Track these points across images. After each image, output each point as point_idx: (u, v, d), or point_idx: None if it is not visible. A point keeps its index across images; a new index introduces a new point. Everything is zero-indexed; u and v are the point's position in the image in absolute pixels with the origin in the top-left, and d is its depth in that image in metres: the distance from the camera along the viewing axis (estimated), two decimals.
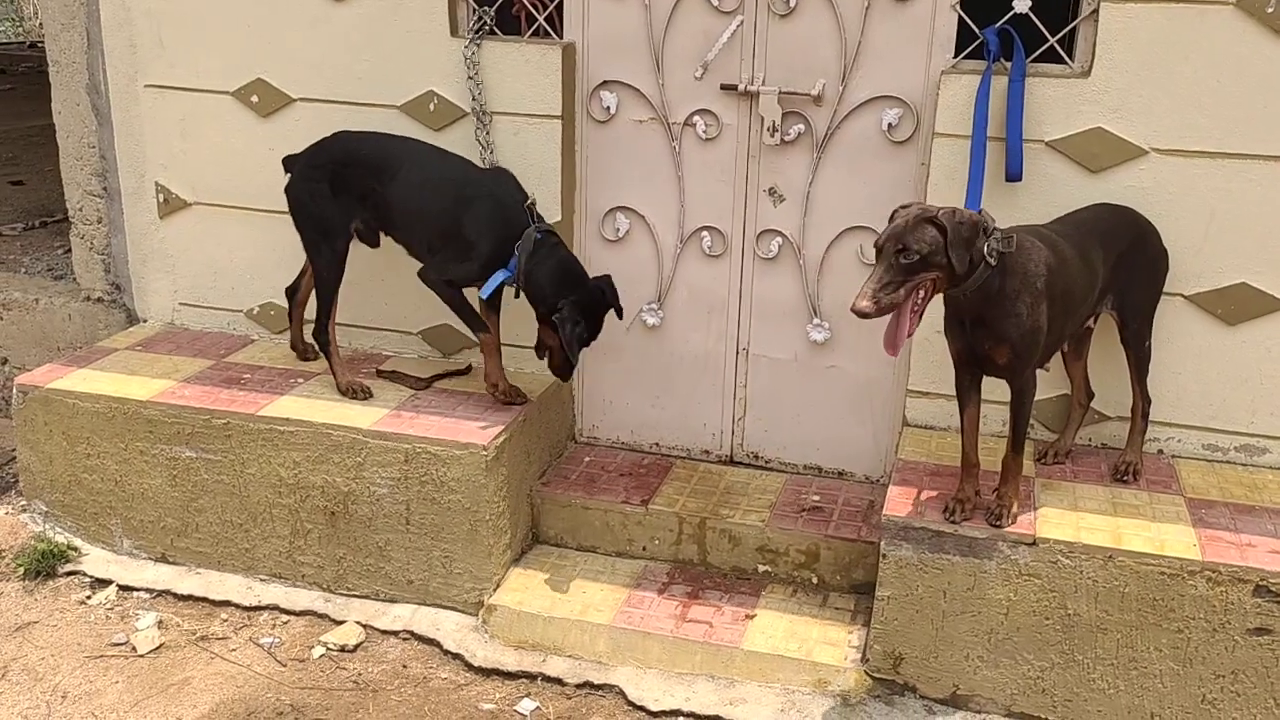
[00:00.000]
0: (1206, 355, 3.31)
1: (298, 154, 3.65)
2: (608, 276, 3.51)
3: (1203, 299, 3.27)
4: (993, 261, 2.72)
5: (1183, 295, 3.28)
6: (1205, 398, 3.35)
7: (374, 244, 3.70)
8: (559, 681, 3.25)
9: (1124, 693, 2.99)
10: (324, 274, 3.64)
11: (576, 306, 3.38)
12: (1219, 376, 3.32)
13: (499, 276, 3.44)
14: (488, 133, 3.70)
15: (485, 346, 3.59)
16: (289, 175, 3.66)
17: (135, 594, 3.65)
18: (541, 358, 3.57)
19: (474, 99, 3.67)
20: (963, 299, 2.81)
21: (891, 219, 2.77)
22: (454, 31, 3.70)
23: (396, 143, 3.60)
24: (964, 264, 2.68)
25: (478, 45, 3.64)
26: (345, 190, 3.56)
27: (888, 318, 2.73)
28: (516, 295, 3.50)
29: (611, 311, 3.49)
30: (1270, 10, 3.02)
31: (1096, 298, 3.07)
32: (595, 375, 3.97)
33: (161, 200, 4.15)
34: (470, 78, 3.66)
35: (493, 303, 3.59)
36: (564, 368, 3.52)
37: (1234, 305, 3.25)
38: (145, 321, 4.32)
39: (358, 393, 3.64)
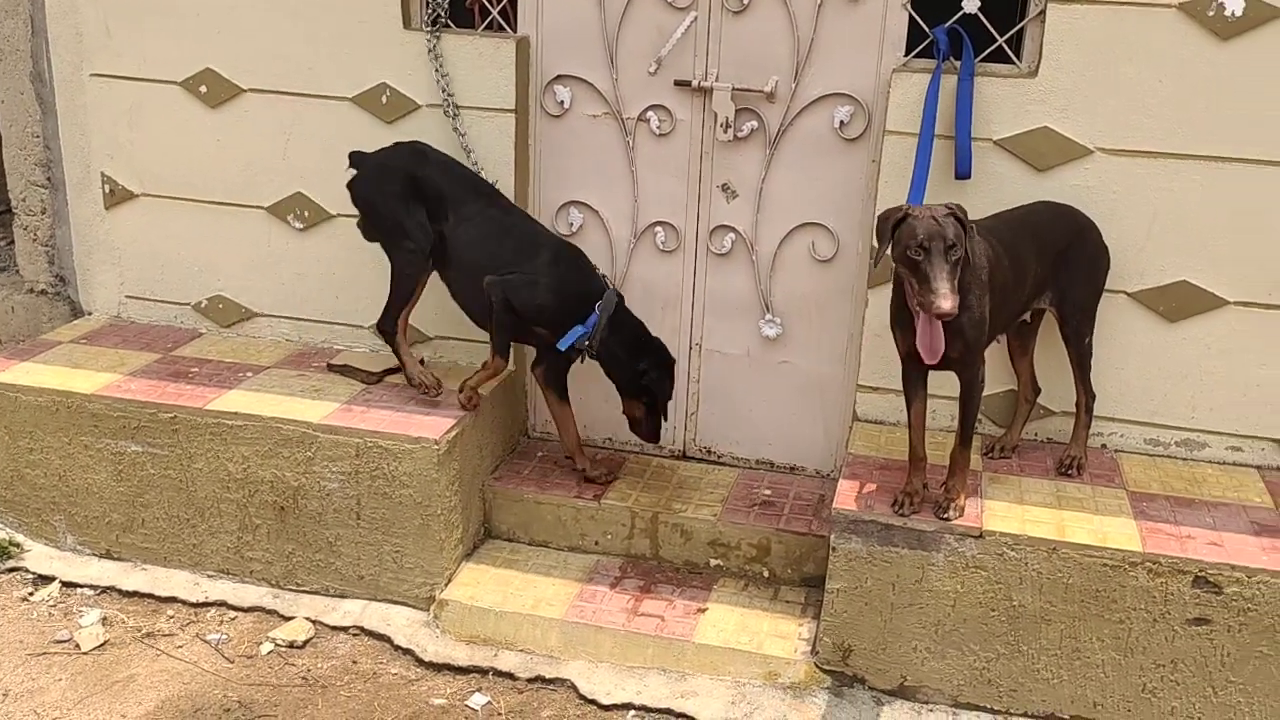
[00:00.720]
0: (1148, 352, 3.38)
1: (367, 152, 3.56)
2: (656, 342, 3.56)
3: (1145, 296, 3.34)
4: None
5: (1126, 293, 3.34)
6: (1147, 393, 3.42)
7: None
8: (510, 676, 3.25)
9: (1067, 682, 3.04)
10: (401, 271, 3.53)
11: (660, 367, 3.49)
12: (1160, 373, 3.39)
13: (577, 331, 3.42)
14: (461, 129, 3.66)
15: (493, 369, 3.51)
16: (356, 172, 3.55)
17: (79, 591, 3.59)
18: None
19: (445, 93, 3.64)
20: None
21: (905, 222, 2.74)
22: (407, 24, 3.67)
23: (472, 182, 3.56)
24: (978, 256, 2.75)
25: (437, 38, 3.62)
26: (418, 201, 3.48)
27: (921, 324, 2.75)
28: (583, 360, 3.51)
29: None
30: (1211, 13, 3.08)
31: (1030, 294, 3.12)
32: None
33: (107, 191, 4.08)
34: (437, 71, 3.63)
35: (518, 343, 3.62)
36: (655, 431, 3.60)
37: (1175, 303, 3.32)
38: (90, 314, 4.25)
39: (429, 388, 3.57)
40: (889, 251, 2.82)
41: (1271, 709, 2.92)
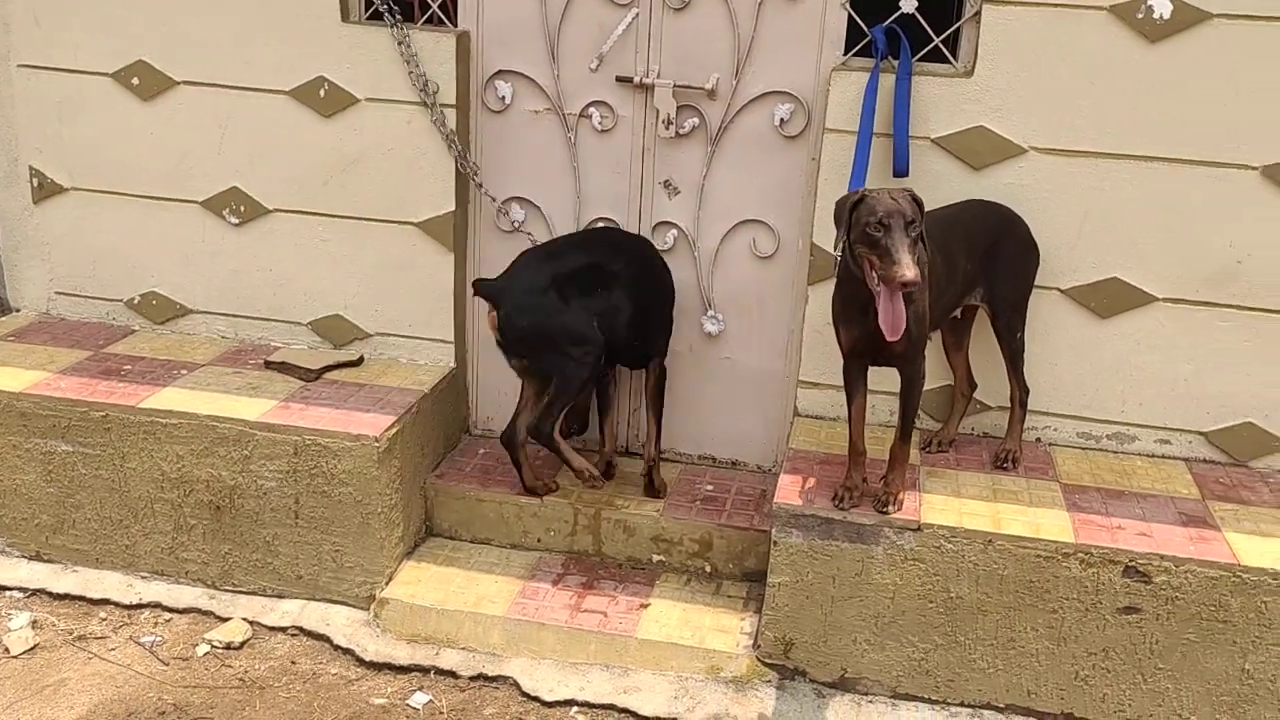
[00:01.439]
0: (1081, 347, 3.44)
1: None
2: None
3: (1077, 293, 3.40)
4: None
5: (1059, 289, 3.40)
6: (1080, 388, 3.49)
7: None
8: (453, 674, 3.23)
9: (1003, 671, 3.09)
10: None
11: None
12: (1092, 367, 3.46)
13: None
14: (444, 122, 3.62)
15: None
16: None
17: (7, 593, 3.50)
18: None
19: (424, 88, 3.59)
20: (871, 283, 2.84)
21: (865, 202, 2.76)
22: (345, 16, 3.63)
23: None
24: (929, 238, 2.79)
25: (406, 33, 3.57)
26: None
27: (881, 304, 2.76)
28: None
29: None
30: (1140, 16, 3.15)
31: (961, 290, 3.17)
32: (490, 367, 3.94)
33: (36, 185, 3.98)
34: (408, 63, 3.58)
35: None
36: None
37: (1106, 299, 3.39)
38: (18, 311, 4.15)
39: (595, 479, 3.62)
40: (848, 236, 2.83)
41: (1198, 694, 3.00)
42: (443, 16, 3.69)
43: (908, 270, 2.66)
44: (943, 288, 3.02)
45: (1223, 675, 2.97)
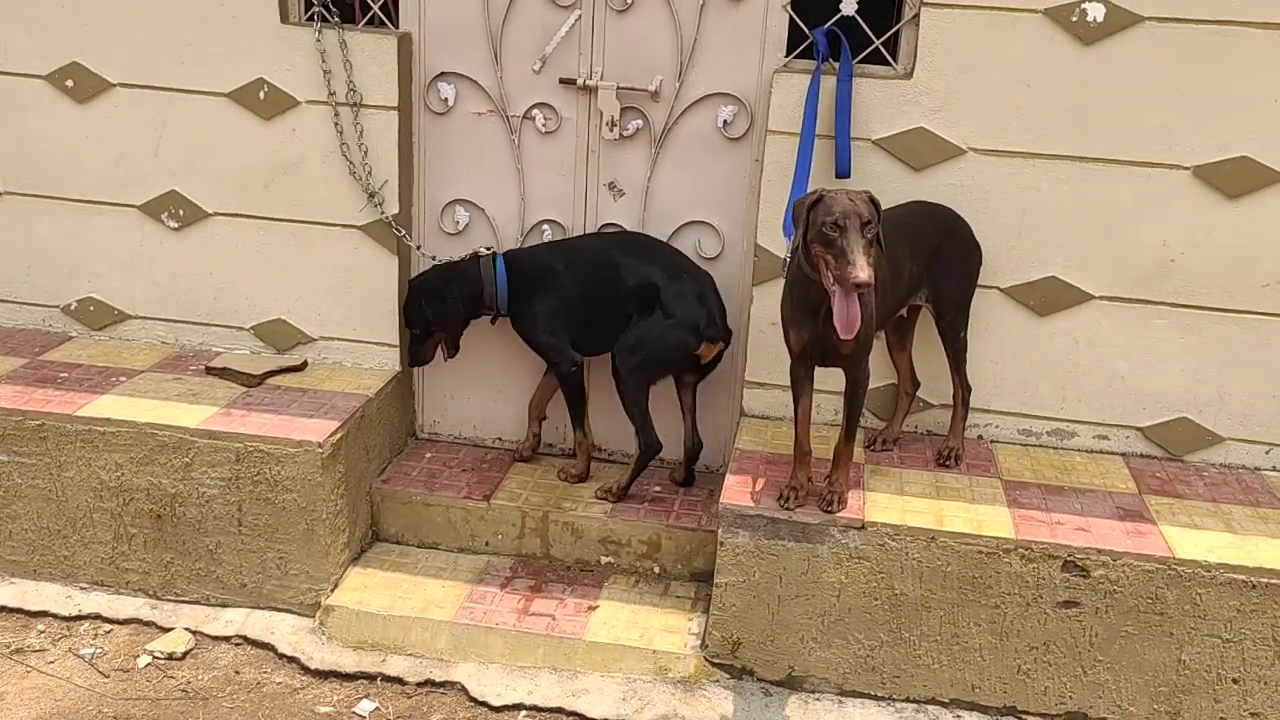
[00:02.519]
0: (1021, 345, 3.49)
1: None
2: None
3: (1016, 292, 3.45)
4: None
5: (999, 288, 3.45)
6: (1020, 385, 3.54)
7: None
8: (399, 681, 3.21)
9: (947, 667, 3.13)
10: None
11: None
12: (1032, 365, 3.51)
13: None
14: (355, 127, 3.61)
15: None
16: None
17: None
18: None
19: (350, 89, 3.57)
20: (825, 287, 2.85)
21: (822, 203, 2.77)
22: (284, 17, 3.59)
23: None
24: (886, 241, 2.82)
25: (341, 32, 3.54)
26: None
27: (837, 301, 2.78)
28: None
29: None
30: (1075, 19, 3.20)
31: (905, 291, 3.20)
32: (436, 370, 3.92)
33: None
34: (324, 66, 3.56)
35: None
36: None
37: (1045, 297, 3.44)
38: None
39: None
40: (805, 235, 2.83)
41: (1137, 685, 3.05)
42: (384, 18, 3.67)
43: (862, 271, 2.68)
44: (888, 289, 3.05)
45: (1160, 666, 3.03)
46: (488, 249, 3.64)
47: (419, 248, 3.72)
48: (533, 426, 3.87)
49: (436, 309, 3.58)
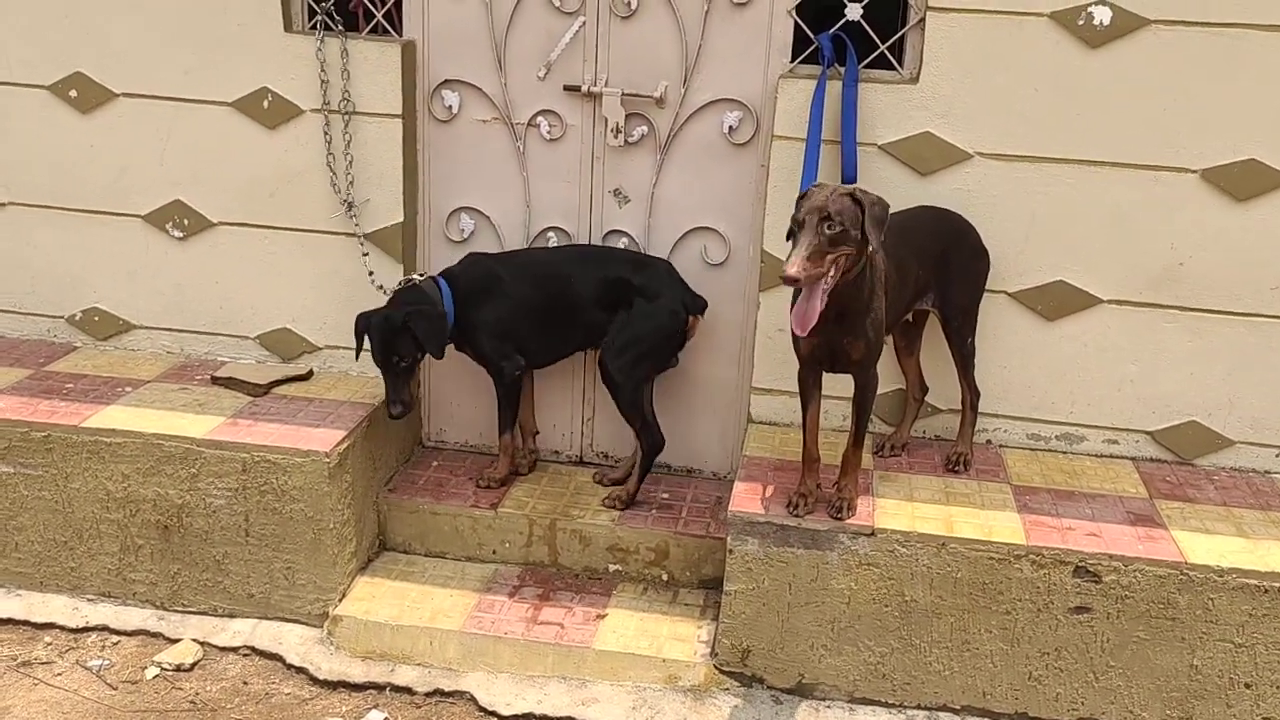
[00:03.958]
0: (1029, 350, 3.48)
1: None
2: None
3: (1024, 296, 3.44)
4: (877, 248, 2.79)
5: (1006, 293, 3.44)
6: (1029, 390, 3.52)
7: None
8: (409, 690, 3.20)
9: (958, 673, 3.12)
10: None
11: None
12: (1040, 369, 3.50)
13: None
14: (347, 138, 3.61)
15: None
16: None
17: None
18: None
19: (344, 98, 3.57)
20: (838, 289, 2.81)
21: (805, 198, 2.78)
22: (289, 26, 3.59)
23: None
24: (877, 241, 2.74)
25: (344, 40, 3.54)
26: None
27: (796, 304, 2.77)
28: None
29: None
30: (1081, 23, 3.19)
31: (912, 296, 3.19)
32: (442, 378, 3.92)
33: None
34: (323, 75, 3.56)
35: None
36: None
37: (1053, 302, 3.43)
38: None
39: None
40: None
41: (1149, 690, 3.04)
42: (387, 25, 3.66)
43: (788, 267, 2.66)
44: (895, 294, 3.04)
45: (1172, 671, 3.02)
46: (422, 274, 3.57)
47: (371, 274, 3.66)
48: (527, 443, 3.85)
49: (425, 327, 3.38)
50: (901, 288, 3.08)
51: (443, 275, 3.52)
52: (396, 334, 3.36)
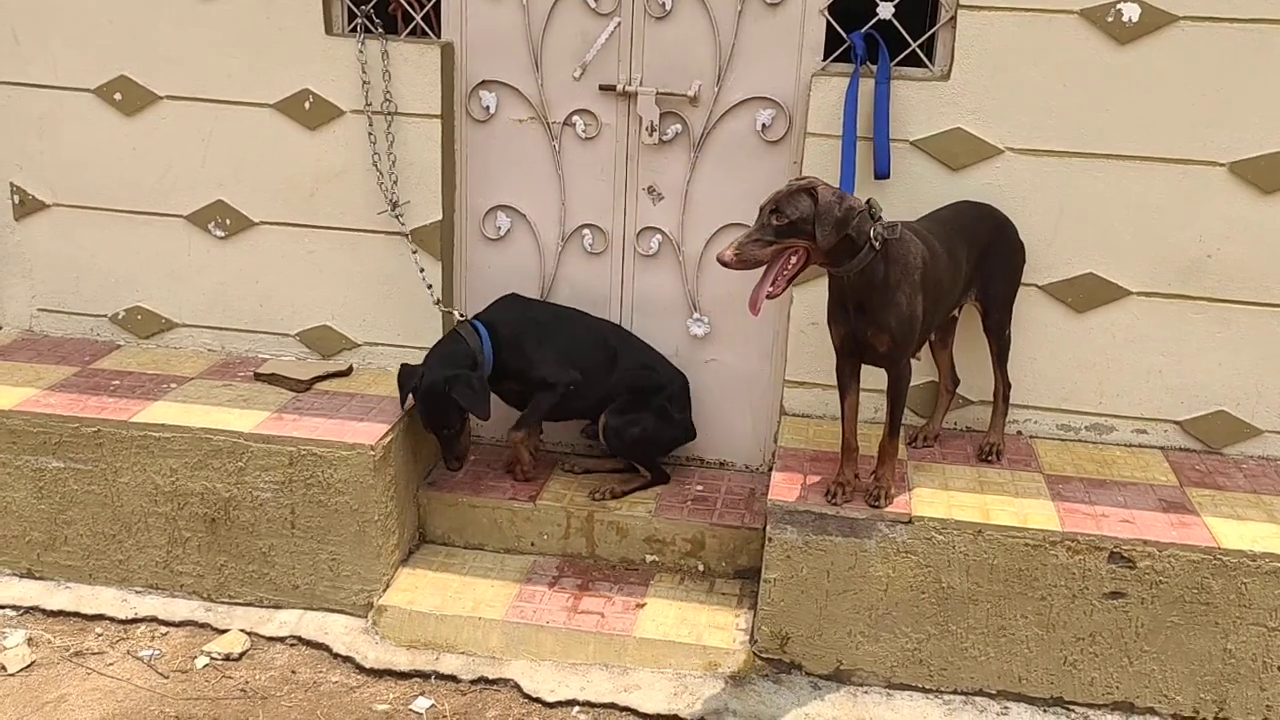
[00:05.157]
0: (1059, 341, 3.54)
1: None
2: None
3: (1055, 289, 3.50)
4: (877, 246, 2.86)
5: (1037, 285, 3.49)
6: (1059, 381, 3.58)
7: None
8: (453, 678, 3.26)
9: (994, 659, 3.17)
10: None
11: None
12: (1070, 361, 3.55)
13: None
14: (390, 138, 3.67)
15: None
16: None
17: (1, 612, 3.49)
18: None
19: (386, 99, 3.63)
20: (846, 282, 2.94)
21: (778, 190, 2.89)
22: (329, 29, 3.66)
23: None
24: (828, 239, 2.80)
25: (384, 42, 3.60)
26: None
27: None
28: None
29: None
30: (1110, 19, 3.25)
31: (961, 290, 3.25)
32: None
33: (17, 201, 3.97)
34: (364, 76, 3.62)
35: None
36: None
37: (1082, 294, 3.49)
38: (1, 329, 4.13)
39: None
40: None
41: (1182, 674, 3.09)
42: (426, 28, 3.73)
43: (724, 250, 2.81)
44: (945, 289, 3.10)
45: (1206, 655, 3.06)
46: (460, 315, 3.66)
47: (422, 271, 3.73)
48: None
49: (470, 397, 3.42)
50: (954, 284, 3.14)
51: (480, 321, 3.60)
52: (441, 403, 3.44)
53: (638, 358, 3.72)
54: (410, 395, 3.49)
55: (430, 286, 3.76)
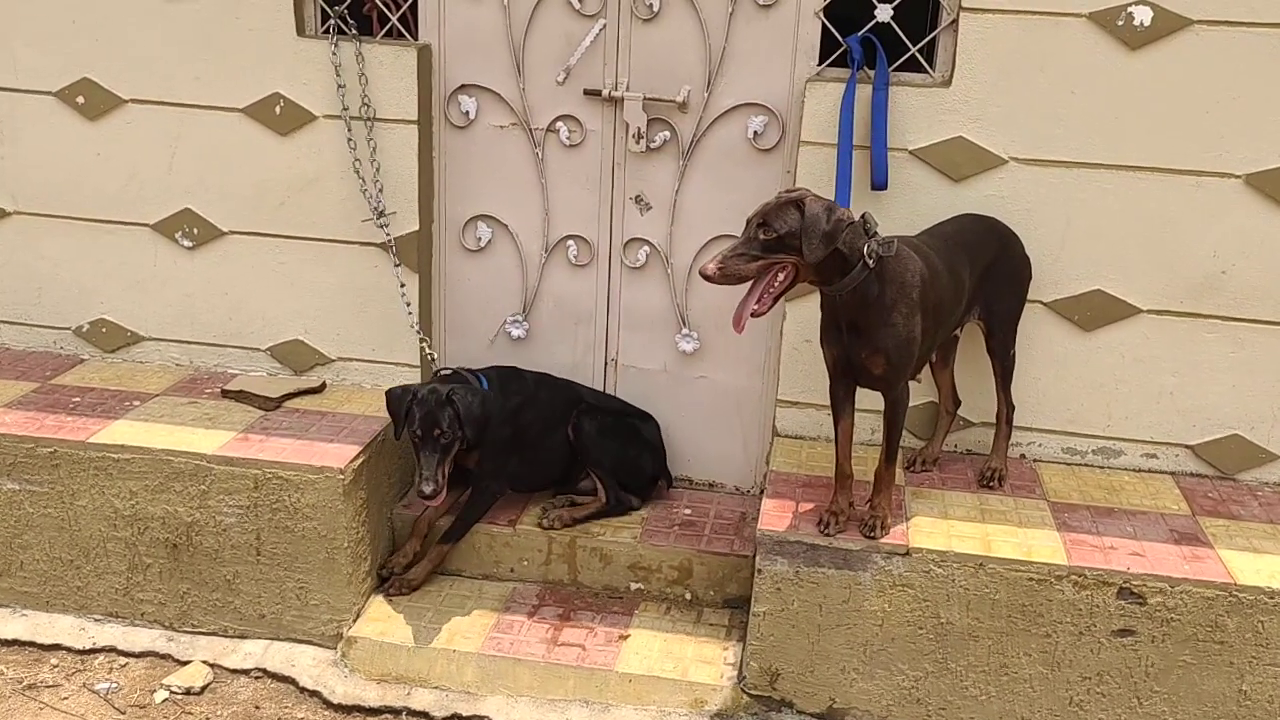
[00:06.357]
0: (1065, 361, 3.37)
1: None
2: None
3: (1061, 306, 3.33)
4: (870, 263, 2.70)
5: (1042, 302, 3.33)
6: (1064, 402, 3.41)
7: None
8: (425, 715, 3.09)
9: (995, 699, 3.01)
10: None
11: None
12: (1077, 381, 3.39)
13: None
14: (372, 144, 3.51)
15: None
16: None
17: None
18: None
19: (364, 103, 3.48)
20: (839, 301, 2.78)
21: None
22: (301, 30, 3.50)
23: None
24: (815, 253, 2.65)
25: (358, 44, 3.45)
26: None
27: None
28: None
29: None
30: (1121, 24, 3.09)
31: (964, 309, 3.09)
32: None
33: None
34: (339, 80, 3.46)
35: None
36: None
37: (1090, 311, 3.32)
38: None
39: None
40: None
41: (1195, 716, 2.92)
42: (402, 29, 3.57)
43: (707, 263, 2.69)
44: (947, 308, 2.93)
45: (1220, 697, 2.90)
46: (447, 369, 3.49)
47: (403, 287, 3.57)
48: (413, 544, 3.51)
49: (467, 400, 3.21)
50: (956, 302, 2.98)
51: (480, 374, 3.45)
52: (440, 405, 3.17)
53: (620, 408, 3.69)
54: (406, 416, 3.20)
55: (411, 311, 3.58)
